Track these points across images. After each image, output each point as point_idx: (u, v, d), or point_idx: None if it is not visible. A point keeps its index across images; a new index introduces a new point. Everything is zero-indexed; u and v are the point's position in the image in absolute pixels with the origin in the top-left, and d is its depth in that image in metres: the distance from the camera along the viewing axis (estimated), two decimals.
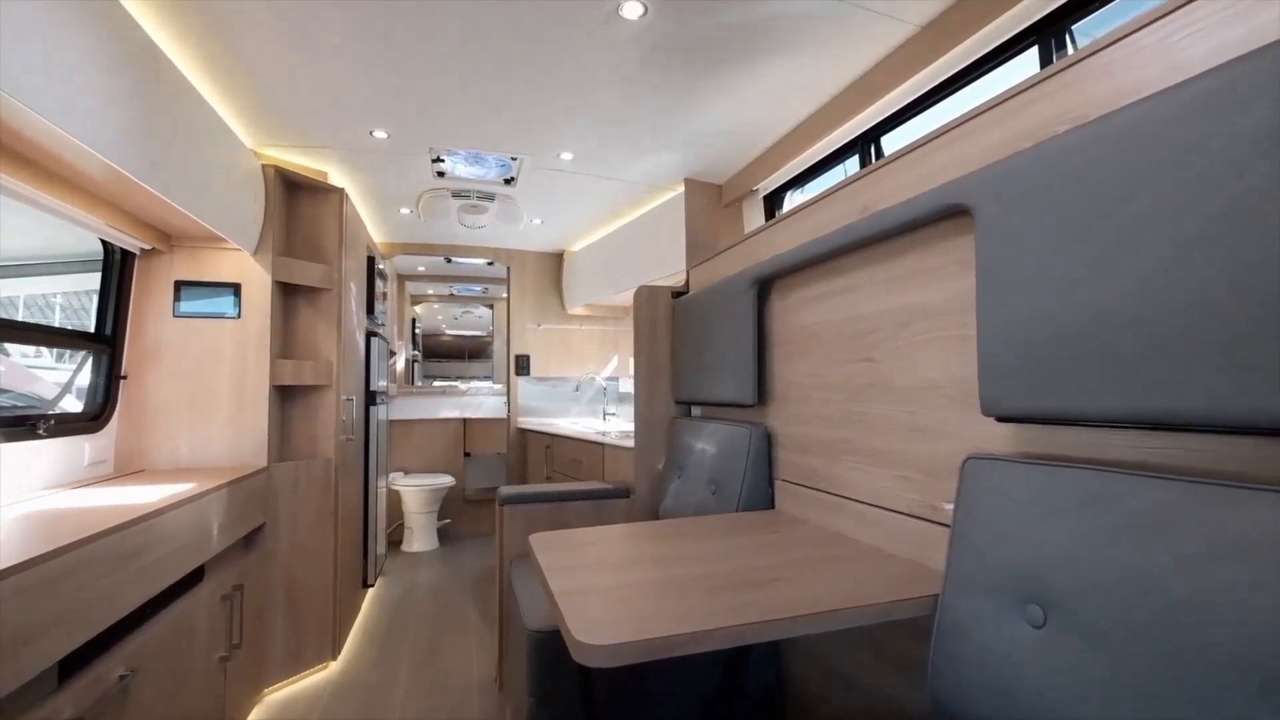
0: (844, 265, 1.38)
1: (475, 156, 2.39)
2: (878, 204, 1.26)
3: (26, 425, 1.47)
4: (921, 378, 1.14)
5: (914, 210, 1.09)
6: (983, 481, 0.90)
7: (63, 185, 1.43)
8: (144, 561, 1.23)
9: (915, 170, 1.17)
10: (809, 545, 1.25)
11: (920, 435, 1.14)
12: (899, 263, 1.21)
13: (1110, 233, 0.75)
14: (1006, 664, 0.79)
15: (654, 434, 2.18)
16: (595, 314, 4.15)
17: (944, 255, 1.10)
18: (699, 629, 0.80)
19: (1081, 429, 0.85)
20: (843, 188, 1.39)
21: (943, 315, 1.10)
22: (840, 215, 1.39)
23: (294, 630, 2.11)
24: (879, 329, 1.26)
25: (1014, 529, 0.82)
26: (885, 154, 1.34)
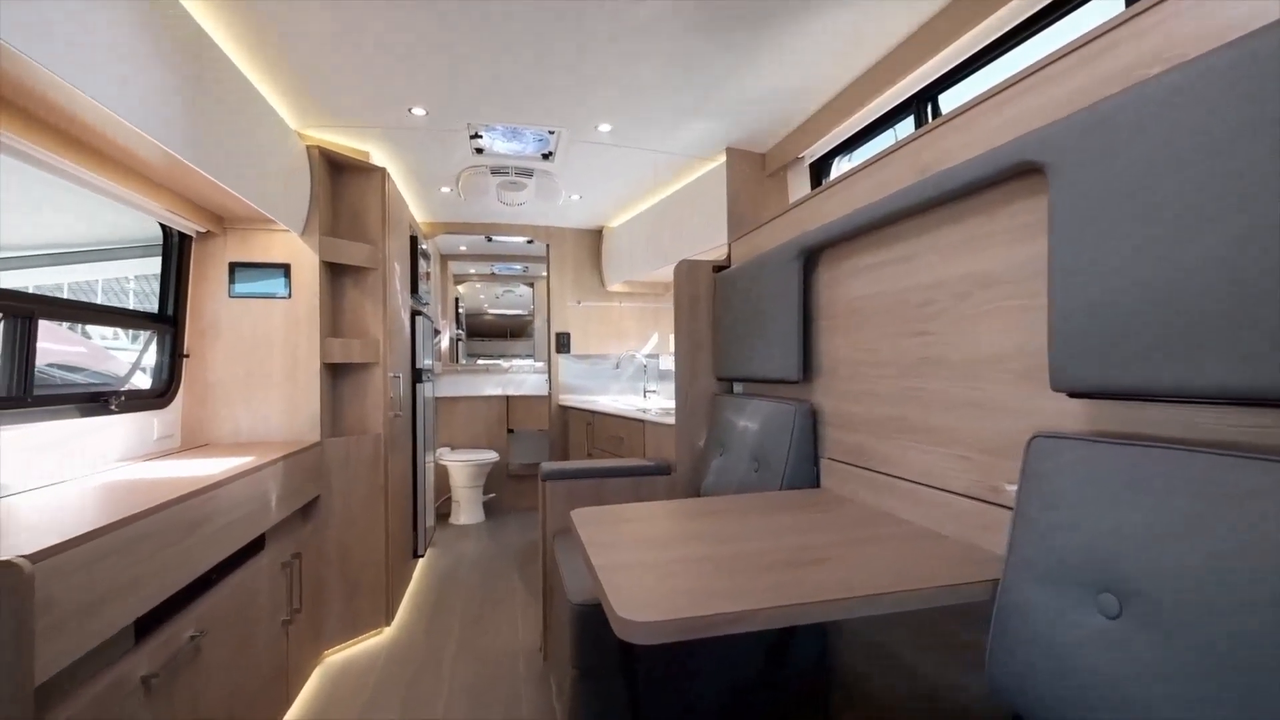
0: (899, 233, 1.30)
1: (513, 131, 2.37)
2: (938, 164, 1.18)
3: (101, 401, 1.55)
4: (983, 351, 1.07)
5: (979, 169, 1.01)
6: (1050, 461, 0.84)
7: (123, 171, 1.48)
8: (210, 529, 1.29)
9: (981, 126, 1.09)
10: (857, 524, 1.20)
11: (980, 412, 1.07)
12: (960, 228, 1.13)
13: (1209, 187, 0.67)
14: (1074, 654, 0.74)
15: (695, 411, 2.16)
16: (635, 290, 4.12)
17: (1011, 218, 1.02)
18: (744, 608, 0.78)
19: (1165, 405, 0.78)
20: (899, 148, 1.31)
21: (1008, 284, 1.03)
22: (896, 178, 1.31)
23: (350, 597, 2.20)
24: (936, 300, 1.19)
25: (1086, 513, 0.76)
26: (943, 114, 1.25)
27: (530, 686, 1.97)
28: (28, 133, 1.19)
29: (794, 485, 1.56)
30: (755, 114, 2.14)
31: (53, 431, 1.40)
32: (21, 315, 1.30)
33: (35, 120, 1.20)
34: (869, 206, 1.32)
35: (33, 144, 1.20)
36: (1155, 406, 0.79)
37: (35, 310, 1.32)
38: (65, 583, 0.84)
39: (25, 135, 1.18)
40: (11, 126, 1.15)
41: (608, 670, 1.43)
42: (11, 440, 1.28)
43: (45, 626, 0.79)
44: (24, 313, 1.30)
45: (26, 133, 1.18)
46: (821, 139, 2.11)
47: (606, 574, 0.92)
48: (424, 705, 1.86)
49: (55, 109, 1.18)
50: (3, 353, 1.28)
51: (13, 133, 1.15)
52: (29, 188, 1.85)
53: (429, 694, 1.92)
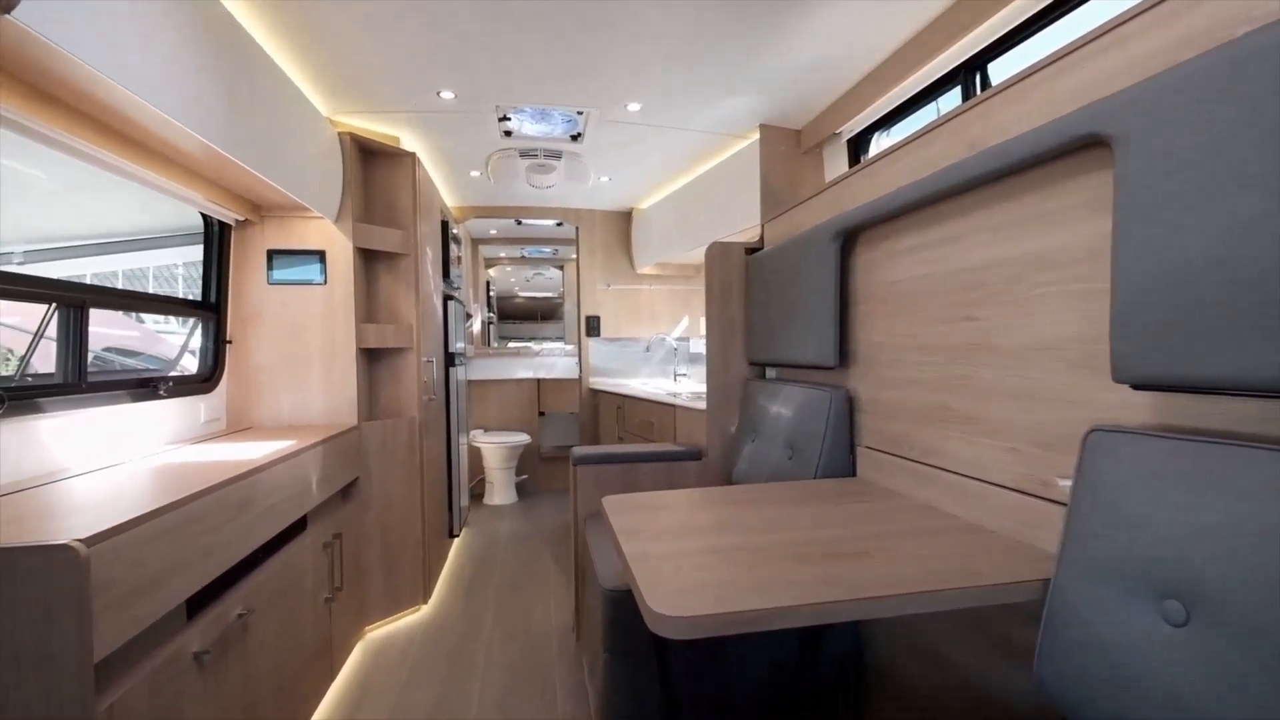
0: (944, 212, 1.24)
1: (541, 113, 2.34)
2: (988, 139, 1.11)
3: (150, 387, 1.61)
4: (1035, 338, 1.02)
5: (1037, 143, 0.94)
6: (1110, 457, 0.79)
7: (165, 162, 1.51)
8: (256, 511, 1.33)
9: (1036, 97, 1.02)
10: (897, 516, 1.17)
11: (1031, 402, 1.02)
12: (1012, 207, 1.07)
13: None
14: (1134, 660, 0.70)
15: (727, 396, 2.13)
16: (665, 273, 4.07)
17: (1069, 196, 0.95)
18: (781, 604, 0.76)
19: (1241, 399, 0.72)
20: (946, 122, 1.24)
21: (1064, 266, 0.96)
22: (941, 155, 1.25)
23: (389, 575, 2.26)
24: (985, 283, 1.13)
25: (1150, 513, 0.72)
26: (994, 84, 1.18)
27: (563, 666, 2.00)
28: (76, 128, 1.21)
29: (829, 474, 1.53)
30: (790, 88, 2.06)
31: (107, 416, 1.46)
32: (74, 305, 1.34)
33: (81, 115, 1.23)
34: (912, 185, 1.26)
35: (81, 139, 1.23)
36: (1229, 400, 0.73)
37: (86, 300, 1.37)
38: (121, 564, 0.87)
39: (73, 131, 1.21)
40: (61, 123, 1.18)
41: (639, 654, 1.44)
42: (69, 425, 1.33)
43: (103, 606, 0.82)
44: (76, 303, 1.34)
45: (74, 128, 1.21)
46: (860, 114, 2.03)
47: (639, 564, 0.91)
48: (461, 682, 1.91)
49: (101, 105, 1.20)
50: (59, 342, 1.33)
51: (62, 129, 1.18)
52: (74, 179, 1.92)
53: (465, 671, 1.97)
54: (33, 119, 1.11)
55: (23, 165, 1.75)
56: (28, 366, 1.28)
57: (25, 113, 1.10)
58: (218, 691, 1.15)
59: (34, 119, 1.12)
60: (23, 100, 1.09)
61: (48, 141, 1.20)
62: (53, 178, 2.00)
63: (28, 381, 1.26)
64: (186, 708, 1.04)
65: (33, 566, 0.76)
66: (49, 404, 1.27)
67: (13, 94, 1.06)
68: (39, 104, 1.12)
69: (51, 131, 1.17)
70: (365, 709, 1.75)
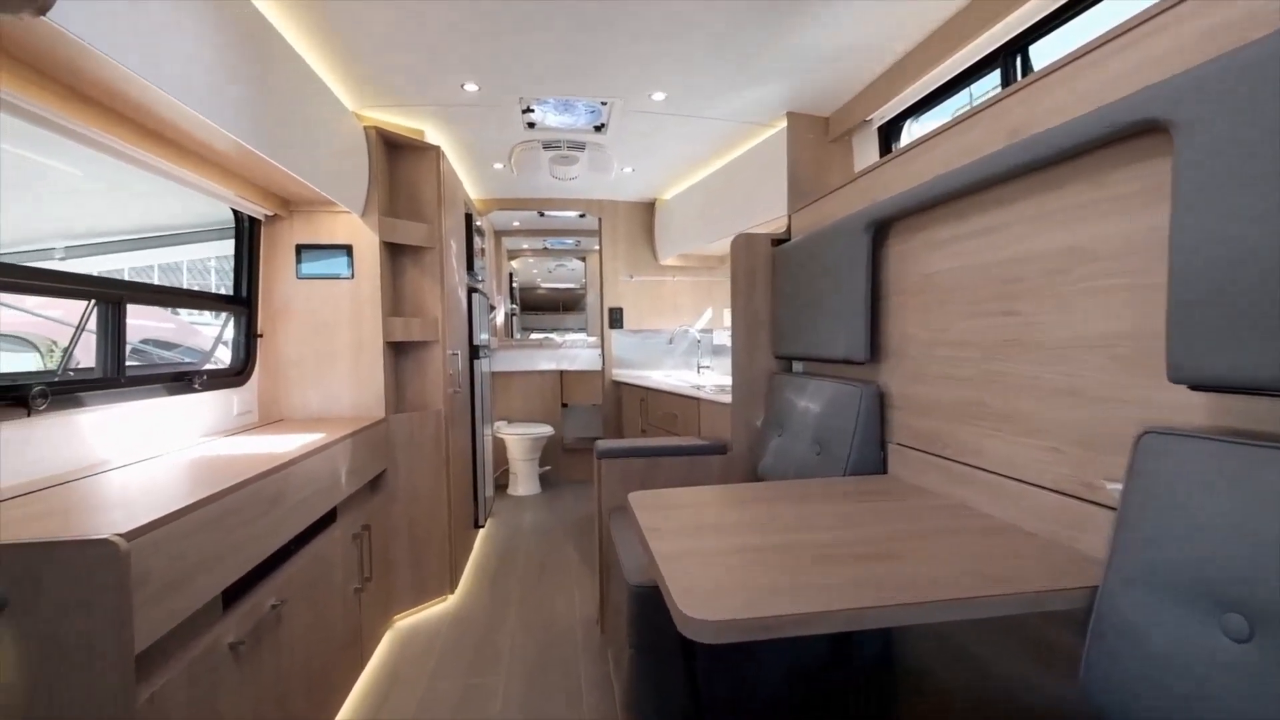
0: (982, 202, 1.19)
1: (564, 104, 2.32)
2: (1031, 126, 1.06)
3: (185, 381, 1.64)
4: (1081, 333, 0.97)
5: (1086, 130, 0.90)
6: (1165, 461, 0.75)
7: (197, 159, 1.53)
8: (288, 503, 1.35)
9: (1085, 81, 0.97)
10: (931, 515, 1.14)
11: (1075, 400, 0.98)
12: (1055, 197, 1.02)
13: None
14: (1191, 676, 0.67)
15: (752, 389, 2.10)
16: (688, 264, 4.04)
17: (1121, 185, 0.90)
18: (815, 609, 0.74)
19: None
20: (986, 108, 1.19)
21: (1113, 258, 0.92)
22: (980, 142, 1.20)
23: (416, 566, 2.30)
24: (1025, 276, 1.09)
25: (1209, 521, 0.68)
26: (1035, 67, 1.13)
27: (588, 658, 2.01)
28: (110, 127, 1.23)
29: (859, 471, 1.50)
30: (819, 74, 2.01)
31: (145, 409, 1.49)
32: (112, 301, 1.37)
33: (115, 114, 1.24)
34: (949, 174, 1.21)
35: (115, 137, 1.25)
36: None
37: (124, 296, 1.40)
38: (160, 557, 0.89)
39: (108, 129, 1.23)
40: (97, 122, 1.19)
41: (665, 651, 1.43)
42: (110, 419, 1.37)
43: (143, 598, 0.84)
44: (114, 299, 1.37)
45: (109, 127, 1.23)
46: (892, 100, 1.97)
47: (667, 564, 0.90)
48: (487, 672, 1.93)
49: (135, 104, 1.22)
50: (98, 338, 1.36)
51: (98, 127, 1.20)
52: (110, 177, 1.96)
53: (491, 661, 1.99)
54: (68, 118, 1.13)
55: (60, 163, 1.80)
56: (70, 361, 1.31)
57: (61, 112, 1.11)
58: (253, 681, 1.17)
59: (70, 118, 1.14)
60: (59, 100, 1.11)
61: (83, 140, 1.22)
62: (89, 175, 2.06)
63: (70, 376, 1.29)
64: (223, 697, 1.07)
65: (75, 560, 0.78)
66: (90, 398, 1.30)
67: (49, 94, 1.08)
68: (75, 103, 1.14)
69: (87, 130, 1.19)
70: (393, 699, 1.78)
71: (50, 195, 2.20)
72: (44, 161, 1.81)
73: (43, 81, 1.06)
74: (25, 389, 1.11)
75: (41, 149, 1.62)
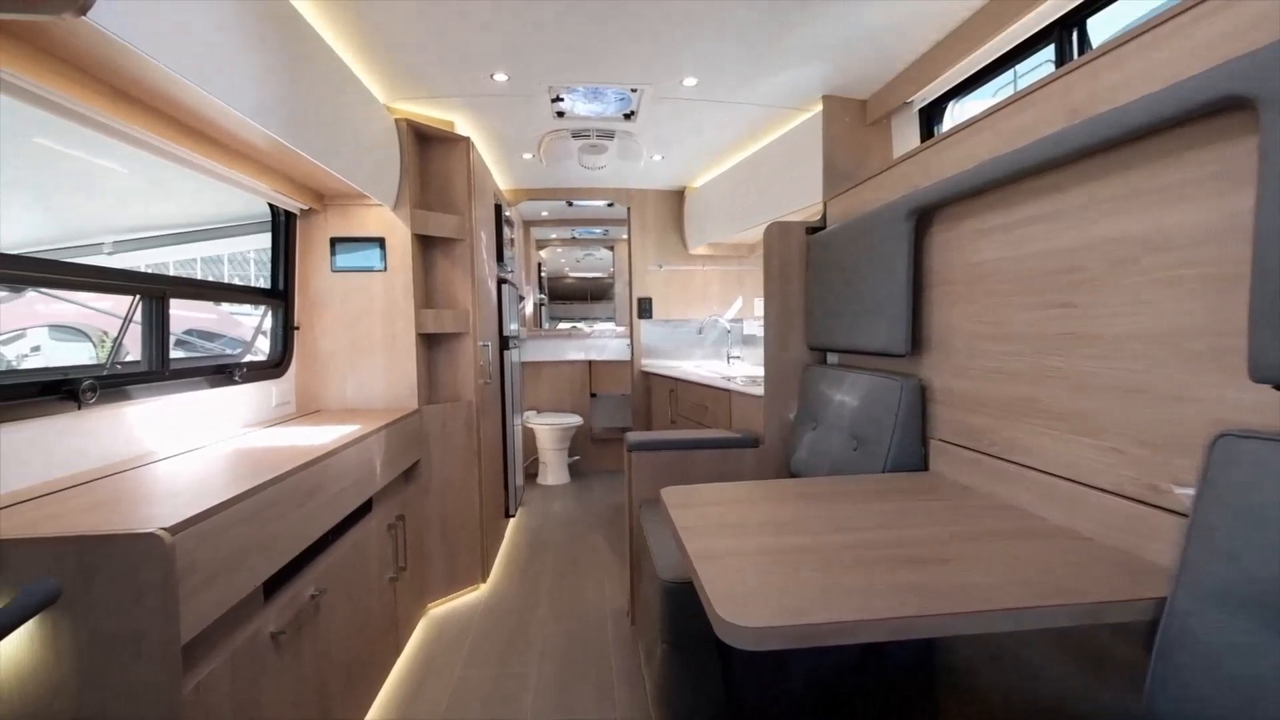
0: (1037, 187, 1.13)
1: (594, 92, 2.29)
2: (1094, 105, 0.99)
3: (226, 373, 1.68)
4: (1147, 327, 0.91)
5: (1158, 108, 0.83)
6: (1245, 466, 0.70)
7: (234, 155, 1.55)
8: (327, 494, 1.37)
9: (1156, 55, 0.90)
10: (978, 517, 1.09)
11: (1140, 398, 0.92)
12: (1121, 181, 0.95)
13: None
14: (1272, 698, 0.62)
15: (785, 382, 2.06)
16: (718, 253, 3.98)
17: (1196, 167, 0.84)
18: (859, 617, 0.71)
19: None
20: (1042, 86, 1.12)
21: (1184, 247, 0.85)
22: (1035, 123, 1.13)
23: (449, 555, 2.33)
24: (1084, 266, 1.02)
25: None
26: (1094, 43, 1.05)
27: (618, 650, 2.01)
28: (151, 125, 1.25)
29: (899, 467, 1.45)
30: (856, 56, 1.93)
31: (188, 401, 1.53)
32: (155, 296, 1.40)
33: (155, 113, 1.26)
34: (1002, 157, 1.15)
35: (155, 134, 1.27)
36: None
37: (167, 290, 1.43)
38: (205, 549, 0.90)
39: (148, 127, 1.24)
40: (137, 120, 1.21)
41: (699, 648, 1.42)
42: (154, 411, 1.41)
43: (188, 590, 0.85)
44: (157, 293, 1.41)
45: (150, 125, 1.25)
46: (935, 81, 1.88)
47: (703, 564, 0.88)
48: (518, 661, 1.95)
49: (174, 102, 1.23)
50: (143, 332, 1.39)
51: (138, 125, 1.22)
52: (151, 174, 2.01)
53: (522, 650, 2.01)
54: (112, 117, 1.15)
55: (106, 161, 1.84)
56: (118, 354, 1.35)
57: (105, 111, 1.13)
58: (293, 669, 1.20)
59: (113, 117, 1.15)
60: (101, 99, 1.12)
61: (126, 138, 1.24)
62: (133, 173, 2.11)
63: (117, 370, 1.33)
64: (265, 685, 1.09)
65: (122, 554, 0.80)
66: (136, 391, 1.34)
67: (93, 93, 1.10)
68: (118, 102, 1.16)
69: (129, 128, 1.21)
70: (428, 686, 1.81)
71: (98, 192, 2.26)
72: (91, 160, 1.86)
73: (85, 81, 1.08)
74: (76, 383, 1.14)
75: (87, 147, 1.66)
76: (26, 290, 1.82)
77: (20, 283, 1.30)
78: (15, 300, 2.56)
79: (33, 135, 1.51)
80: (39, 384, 1.09)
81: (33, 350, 2.66)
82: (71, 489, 1.05)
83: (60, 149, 1.70)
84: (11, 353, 2.65)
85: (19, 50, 0.96)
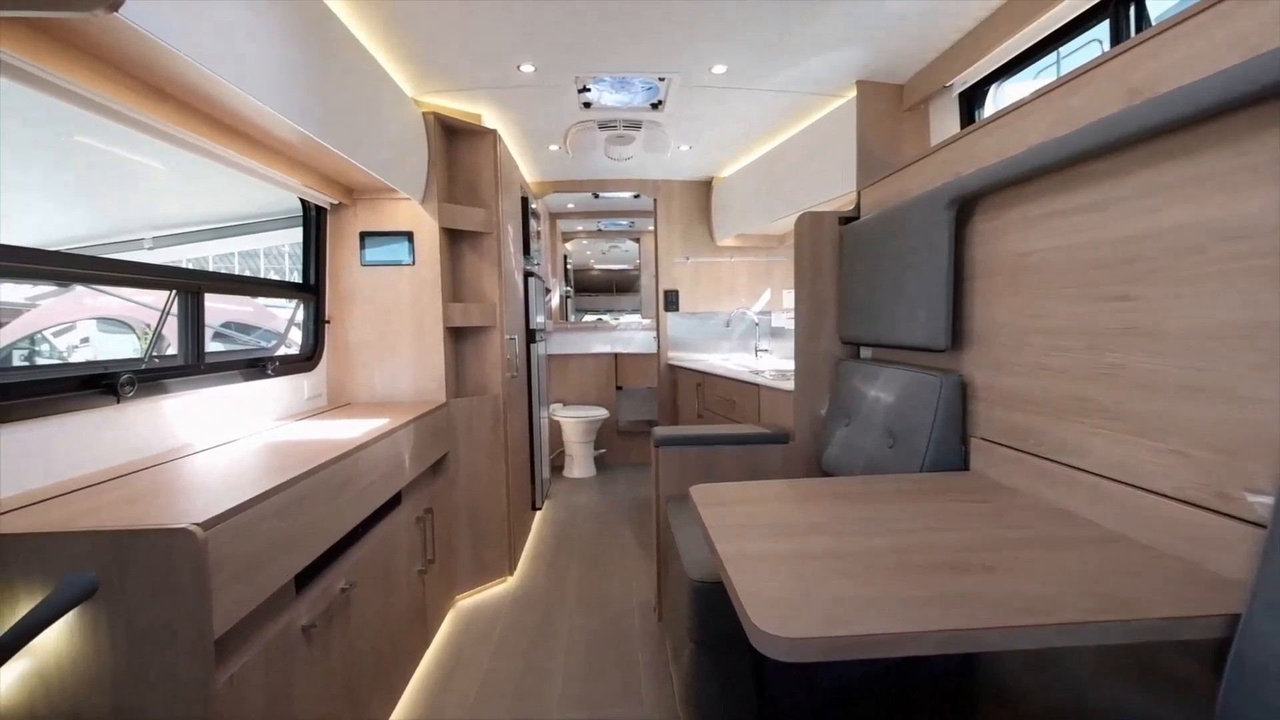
0: (1092, 173, 1.06)
1: (621, 82, 2.25)
2: (1157, 84, 0.93)
3: (259, 366, 1.70)
4: (1217, 321, 0.85)
5: (1233, 86, 0.77)
6: None
7: (266, 151, 1.56)
8: (358, 487, 1.38)
9: (1225, 29, 0.83)
10: (1025, 521, 1.04)
11: (1208, 398, 0.86)
12: (1186, 165, 0.89)
13: None
14: None
15: (816, 376, 2.00)
16: (746, 244, 3.91)
17: (1268, 150, 0.77)
18: (904, 629, 0.68)
19: None
20: (1095, 67, 1.05)
21: (1259, 236, 0.79)
22: (1090, 105, 1.06)
23: (477, 547, 2.35)
24: (1145, 256, 0.96)
25: None
26: (1152, 19, 0.98)
27: (645, 645, 2.00)
28: (186, 122, 1.26)
29: (937, 467, 1.40)
30: (893, 38, 1.86)
31: (223, 394, 1.55)
32: (191, 291, 1.42)
33: (190, 110, 1.27)
34: (1053, 142, 1.08)
35: (190, 131, 1.28)
36: None
37: (202, 286, 1.45)
38: (237, 543, 0.91)
39: (183, 124, 1.26)
40: (173, 118, 1.22)
41: (729, 647, 1.39)
42: (191, 404, 1.43)
43: (221, 584, 0.86)
44: (193, 289, 1.43)
45: (185, 122, 1.26)
46: (977, 63, 1.80)
47: (735, 567, 0.85)
48: (545, 654, 1.95)
49: (207, 99, 1.24)
50: (179, 326, 1.42)
51: (174, 123, 1.23)
52: (186, 170, 2.04)
53: (549, 643, 2.02)
54: (146, 113, 1.16)
55: (143, 158, 1.88)
56: (155, 347, 1.37)
57: (139, 108, 1.14)
58: (324, 660, 1.21)
59: (147, 113, 1.16)
60: (136, 96, 1.13)
61: (160, 135, 1.26)
62: (170, 169, 2.15)
63: (155, 363, 1.35)
64: (296, 677, 1.10)
65: (156, 548, 0.81)
66: (173, 384, 1.36)
67: (125, 89, 1.10)
68: (151, 99, 1.17)
69: (162, 125, 1.22)
70: (456, 678, 1.83)
71: (138, 189, 2.32)
72: (128, 156, 1.90)
73: (120, 78, 1.09)
74: (114, 377, 1.16)
75: (125, 145, 1.69)
76: (74, 285, 1.88)
77: (63, 278, 1.33)
78: (64, 295, 2.65)
79: (73, 133, 1.55)
80: (79, 378, 1.12)
81: (82, 342, 2.76)
82: (110, 481, 1.07)
83: (101, 146, 1.74)
84: (63, 344, 2.75)
85: (55, 48, 0.97)
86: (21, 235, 1.08)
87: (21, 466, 1.00)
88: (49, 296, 2.62)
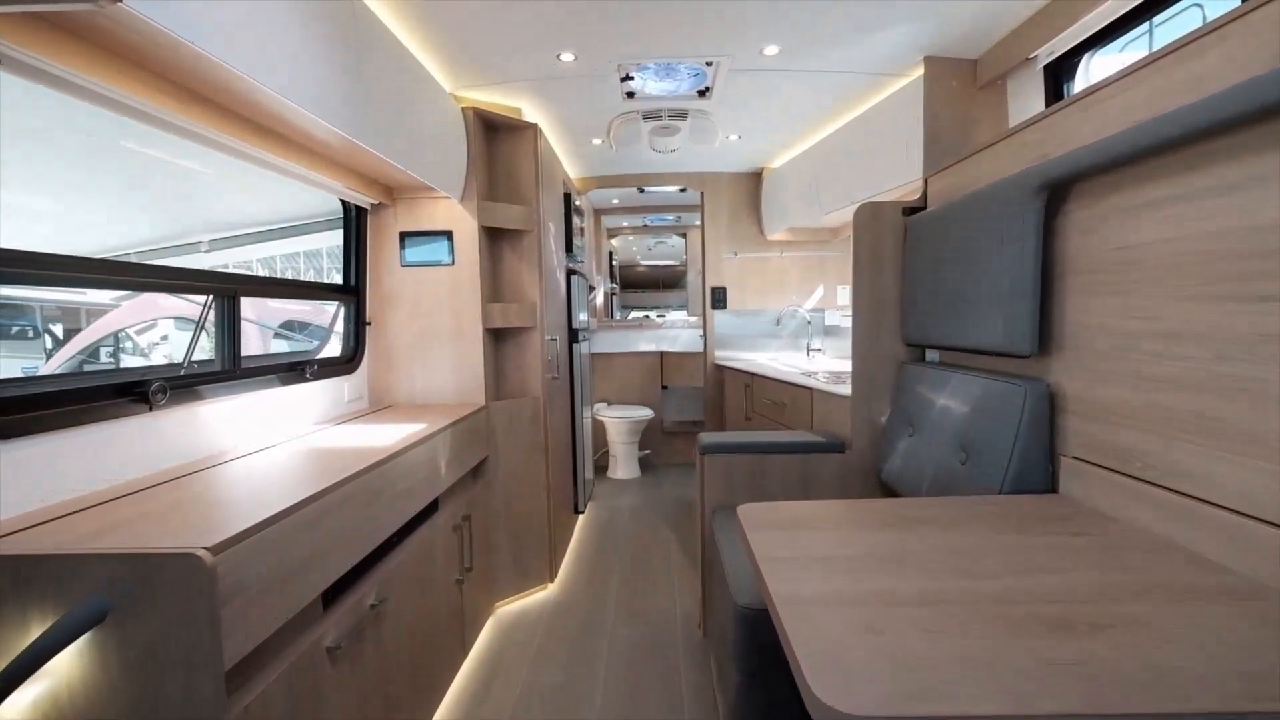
0: (1220, 150, 0.89)
1: (666, 69, 2.14)
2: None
3: (298, 370, 1.69)
4: None
5: None
6: None
7: (307, 154, 1.54)
8: (391, 496, 1.34)
9: None
10: (1138, 562, 0.88)
11: None
12: None
13: None
14: None
15: (875, 381, 1.85)
16: (797, 238, 3.73)
17: None
18: (1006, 710, 0.55)
19: None
20: (1230, 21, 0.88)
21: None
22: (1216, 70, 0.89)
23: (517, 553, 2.30)
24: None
25: None
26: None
27: (688, 662, 1.90)
28: (227, 127, 1.24)
29: (1020, 488, 1.24)
30: (966, 5, 1.68)
31: (261, 399, 1.54)
32: (227, 295, 1.41)
33: (232, 115, 1.25)
34: (1168, 116, 0.91)
35: (232, 136, 1.26)
36: None
37: (237, 290, 1.43)
38: (252, 566, 0.86)
39: (224, 129, 1.23)
40: (215, 123, 1.20)
41: (779, 681, 1.28)
42: (227, 410, 1.42)
43: (233, 610, 0.81)
44: (229, 293, 1.41)
45: (225, 127, 1.24)
46: (1068, 29, 1.60)
47: (790, 613, 0.74)
48: (586, 665, 1.88)
49: (249, 104, 1.22)
50: (215, 330, 1.40)
51: (215, 128, 1.21)
52: (237, 177, 2.06)
53: (590, 654, 1.95)
54: (181, 117, 1.14)
55: (192, 163, 1.90)
56: (193, 353, 1.36)
57: (174, 111, 1.12)
58: (354, 677, 1.17)
59: (183, 117, 1.14)
60: (177, 103, 1.11)
61: (197, 138, 1.24)
62: (220, 176, 2.18)
63: (193, 369, 1.34)
64: (324, 697, 1.06)
65: (162, 573, 0.76)
66: (208, 390, 1.35)
67: (157, 92, 1.08)
68: (186, 103, 1.14)
69: (198, 127, 1.19)
70: (495, 688, 1.78)
71: (193, 195, 2.37)
72: (183, 164, 1.93)
73: (149, 79, 1.06)
74: (146, 385, 1.14)
75: (170, 149, 1.71)
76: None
77: (98, 286, 1.33)
78: (140, 295, 2.76)
79: (119, 139, 1.56)
80: (111, 386, 1.10)
81: (162, 339, 2.88)
82: (133, 495, 1.04)
83: (151, 153, 1.76)
84: (144, 341, 2.87)
85: (81, 48, 0.94)
86: (91, 241, 1.08)
87: (47, 478, 0.99)
88: (128, 299, 2.74)
